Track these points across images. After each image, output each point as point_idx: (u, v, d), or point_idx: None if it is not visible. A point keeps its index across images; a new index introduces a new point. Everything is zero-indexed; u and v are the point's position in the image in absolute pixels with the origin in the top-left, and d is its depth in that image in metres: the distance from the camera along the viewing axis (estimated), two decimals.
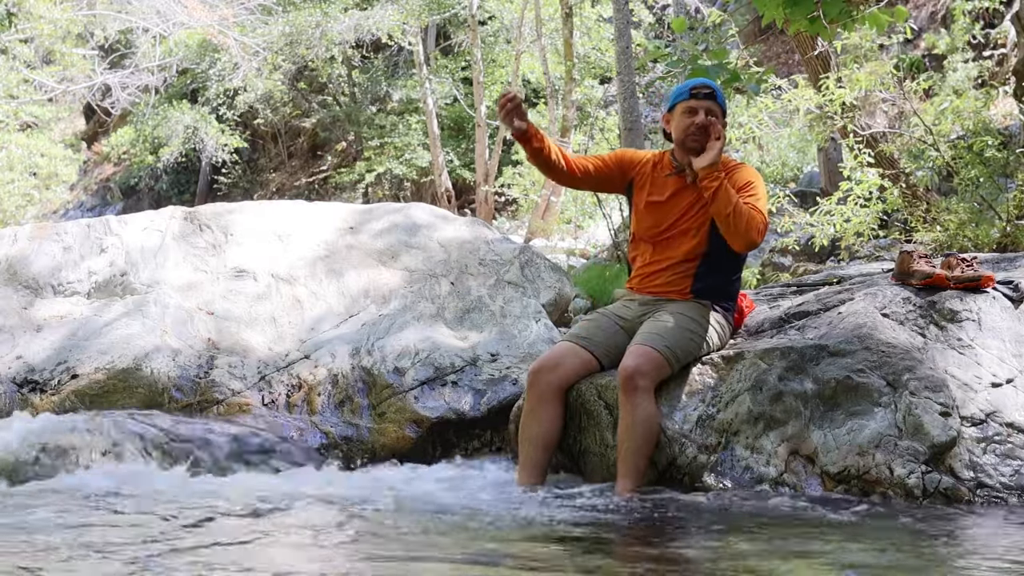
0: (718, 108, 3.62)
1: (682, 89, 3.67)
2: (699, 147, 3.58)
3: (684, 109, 3.63)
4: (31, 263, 4.73)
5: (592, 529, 2.85)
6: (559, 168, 3.72)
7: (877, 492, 3.14)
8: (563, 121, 15.01)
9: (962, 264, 3.74)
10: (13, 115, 16.03)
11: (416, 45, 17.36)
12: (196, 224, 4.94)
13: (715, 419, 3.42)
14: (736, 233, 3.50)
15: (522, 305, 4.64)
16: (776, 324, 3.82)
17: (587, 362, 3.59)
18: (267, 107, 20.66)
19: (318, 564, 2.38)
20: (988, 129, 7.29)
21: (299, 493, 3.22)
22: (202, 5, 16.52)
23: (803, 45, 8.53)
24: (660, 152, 3.84)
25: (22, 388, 4.18)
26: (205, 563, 2.34)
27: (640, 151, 3.91)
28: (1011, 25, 10.47)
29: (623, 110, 10.10)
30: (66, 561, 2.33)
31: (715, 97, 3.63)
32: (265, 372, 4.25)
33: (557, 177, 3.79)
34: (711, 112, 3.60)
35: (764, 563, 2.46)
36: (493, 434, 4.08)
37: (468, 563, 2.42)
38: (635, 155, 3.84)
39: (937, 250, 6.65)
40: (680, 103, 3.64)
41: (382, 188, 19.80)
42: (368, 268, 4.76)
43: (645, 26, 17.14)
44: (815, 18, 4.51)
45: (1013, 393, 3.34)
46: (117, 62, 18.87)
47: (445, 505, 3.14)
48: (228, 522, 2.88)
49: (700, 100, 3.61)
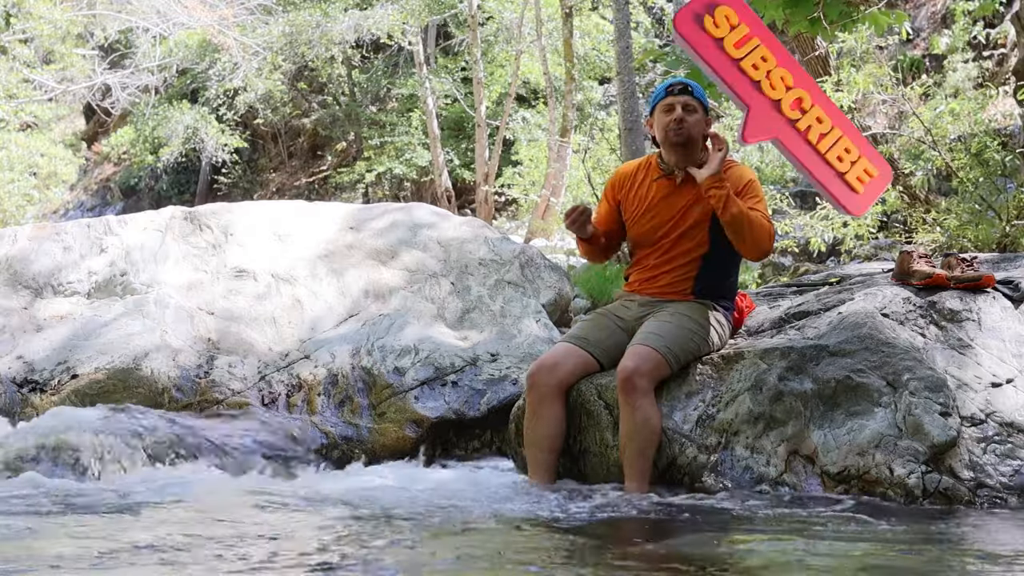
0: (695, 102, 3.64)
1: (659, 91, 3.71)
2: (681, 141, 3.60)
3: (662, 108, 3.66)
4: (31, 263, 4.74)
5: (603, 529, 2.86)
6: (607, 247, 3.92)
7: (877, 492, 3.14)
8: (563, 121, 15.01)
9: (962, 264, 3.74)
10: (13, 115, 16.03)
11: (416, 45, 17.36)
12: (196, 224, 4.95)
13: (715, 419, 3.42)
14: (748, 242, 3.52)
15: (522, 305, 4.64)
16: (776, 324, 3.82)
17: (586, 362, 3.59)
18: (267, 107, 20.66)
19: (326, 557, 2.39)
20: (987, 131, 7.30)
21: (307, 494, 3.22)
22: (202, 5, 16.53)
23: (803, 46, 8.53)
24: (647, 157, 3.86)
25: (22, 388, 4.18)
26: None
27: (625, 167, 3.94)
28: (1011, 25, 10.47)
29: (623, 110, 10.11)
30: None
31: (692, 92, 3.65)
32: (265, 372, 4.25)
33: (607, 255, 3.99)
34: (688, 106, 3.62)
35: (764, 563, 2.47)
36: (493, 434, 4.09)
37: (473, 563, 2.42)
38: (620, 176, 3.88)
39: (937, 251, 6.65)
40: (658, 103, 3.68)
41: (382, 188, 19.81)
42: (368, 268, 4.76)
43: (645, 26, 17.14)
44: (815, 19, 4.52)
45: (1013, 393, 3.34)
46: (117, 62, 18.88)
47: (448, 505, 3.14)
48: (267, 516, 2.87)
49: (676, 96, 3.63)
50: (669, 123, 3.61)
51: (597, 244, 3.86)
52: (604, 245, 3.89)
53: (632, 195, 3.77)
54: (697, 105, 3.64)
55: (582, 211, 3.69)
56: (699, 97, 3.65)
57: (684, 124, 3.59)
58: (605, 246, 3.90)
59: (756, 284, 7.68)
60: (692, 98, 3.63)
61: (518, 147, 17.66)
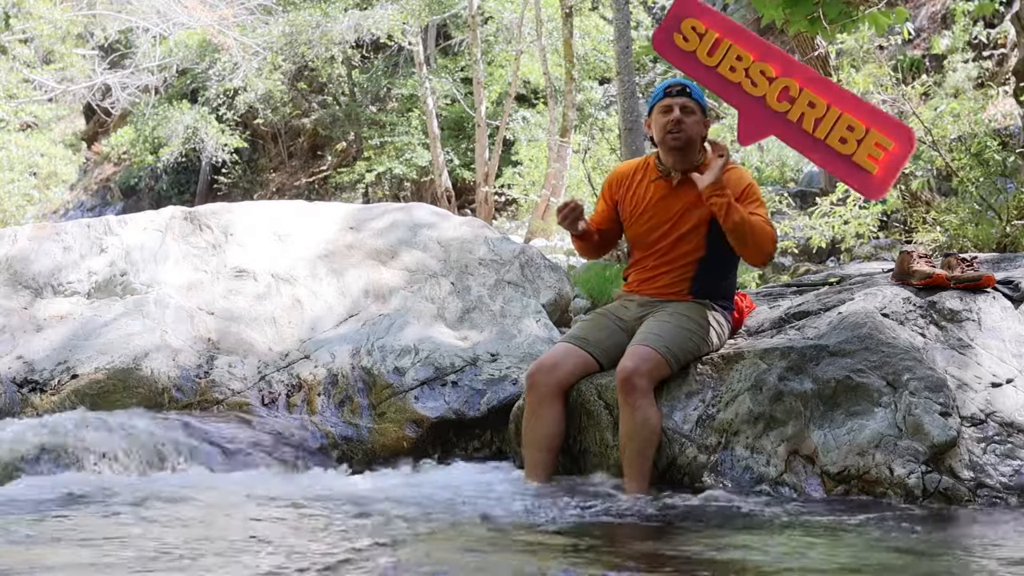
0: (693, 103, 3.64)
1: (657, 91, 3.71)
2: (679, 143, 3.60)
3: (660, 109, 3.66)
4: (31, 263, 4.74)
5: (603, 529, 2.86)
6: (602, 244, 3.91)
7: (877, 492, 3.14)
8: (563, 121, 15.01)
9: (962, 264, 3.74)
10: (13, 115, 16.03)
11: (416, 45, 17.36)
12: (196, 224, 4.94)
13: (715, 419, 3.42)
14: (751, 247, 3.52)
15: (522, 305, 4.64)
16: (776, 324, 3.82)
17: (586, 362, 3.59)
18: (267, 107, 20.66)
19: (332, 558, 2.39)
20: (987, 131, 7.30)
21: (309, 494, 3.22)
22: (202, 5, 16.53)
23: (803, 46, 8.54)
24: (646, 157, 3.86)
25: (22, 388, 4.18)
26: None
27: (623, 166, 3.95)
28: (1011, 25, 10.46)
29: (623, 110, 10.10)
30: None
31: (690, 94, 3.64)
32: (265, 372, 4.25)
33: (601, 252, 3.98)
34: (686, 107, 3.62)
35: (764, 563, 2.47)
36: (493, 434, 4.08)
37: (472, 563, 2.42)
38: (617, 175, 3.88)
39: (937, 251, 6.65)
40: (656, 104, 3.68)
41: (382, 188, 19.81)
42: (368, 268, 4.76)
43: (645, 26, 17.13)
44: (815, 18, 4.52)
45: (1013, 393, 3.34)
46: (117, 62, 18.88)
47: (447, 505, 3.14)
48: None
49: (674, 97, 3.63)
50: (667, 124, 3.61)
51: (590, 241, 3.86)
52: (598, 242, 3.89)
53: (630, 195, 3.77)
54: (695, 106, 3.64)
55: (573, 207, 3.69)
56: (697, 98, 3.65)
57: (682, 126, 3.60)
58: (599, 243, 3.90)
59: (756, 284, 7.68)
60: (690, 99, 3.63)
61: (518, 147, 17.68)
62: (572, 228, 3.72)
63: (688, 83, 3.68)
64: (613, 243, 3.97)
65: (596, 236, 3.86)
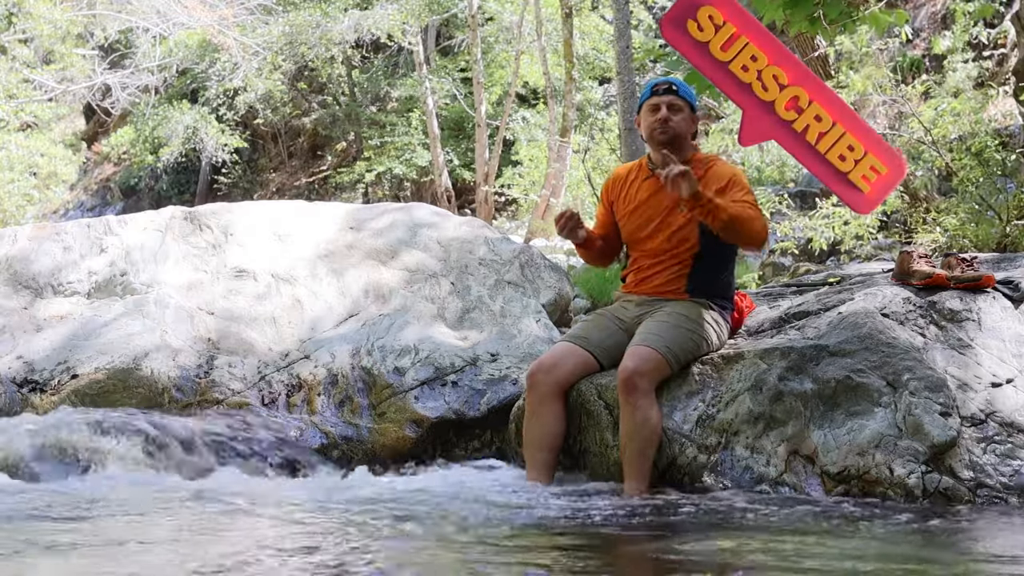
0: (681, 101, 3.65)
1: (645, 90, 3.73)
2: (666, 140, 3.62)
3: (647, 108, 3.69)
4: (31, 263, 4.73)
5: (602, 529, 2.86)
6: (606, 250, 3.89)
7: (877, 492, 3.14)
8: (563, 121, 15.01)
9: (962, 264, 3.74)
10: (13, 115, 16.03)
11: (416, 45, 17.35)
12: (196, 224, 4.94)
13: (715, 419, 3.42)
14: (744, 237, 3.54)
15: (522, 305, 4.64)
16: (776, 324, 3.82)
17: (586, 362, 3.60)
18: (267, 107, 20.64)
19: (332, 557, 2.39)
20: (987, 130, 7.30)
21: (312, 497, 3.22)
22: (202, 5, 16.53)
23: (803, 46, 8.54)
24: (641, 158, 3.89)
25: (22, 388, 4.18)
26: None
27: (619, 169, 3.97)
28: (1011, 25, 10.46)
29: (623, 110, 10.08)
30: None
31: (677, 91, 3.66)
32: (265, 372, 4.25)
33: (607, 258, 3.95)
34: (673, 105, 3.64)
35: (764, 563, 2.46)
36: (493, 434, 4.08)
37: (471, 563, 2.42)
38: (614, 178, 3.90)
39: (937, 251, 6.65)
40: (644, 103, 3.70)
41: (382, 188, 19.80)
42: (368, 268, 4.76)
43: (645, 26, 17.13)
44: (815, 19, 4.51)
45: (1013, 393, 3.34)
46: (117, 62, 18.87)
47: (447, 505, 3.14)
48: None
49: (661, 96, 3.65)
50: (654, 123, 3.64)
51: (594, 248, 3.86)
52: (601, 248, 3.89)
53: (623, 195, 3.80)
54: (683, 104, 3.65)
55: (569, 216, 3.70)
56: (684, 95, 3.66)
57: (669, 124, 3.61)
58: (603, 249, 3.90)
59: (756, 284, 7.68)
60: (677, 97, 3.64)
61: (518, 147, 17.67)
62: (573, 237, 3.73)
63: (675, 80, 3.69)
64: (617, 248, 3.96)
65: (599, 242, 3.87)
